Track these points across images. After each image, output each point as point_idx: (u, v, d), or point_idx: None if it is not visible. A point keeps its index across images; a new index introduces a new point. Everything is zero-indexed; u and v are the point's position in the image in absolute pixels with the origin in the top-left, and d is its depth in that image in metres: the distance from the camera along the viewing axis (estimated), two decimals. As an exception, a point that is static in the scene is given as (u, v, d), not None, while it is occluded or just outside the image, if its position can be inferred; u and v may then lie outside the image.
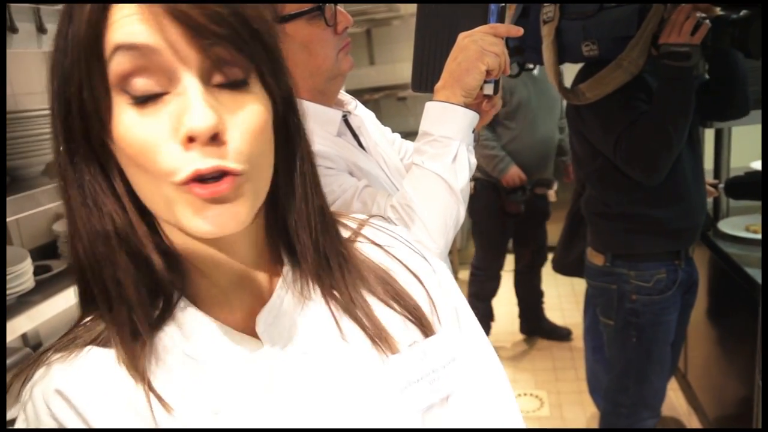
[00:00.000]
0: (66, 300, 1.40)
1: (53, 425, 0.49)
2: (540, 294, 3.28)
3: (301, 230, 0.54)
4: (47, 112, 1.43)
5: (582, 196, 2.00)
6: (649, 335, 1.80)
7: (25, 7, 1.18)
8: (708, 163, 2.37)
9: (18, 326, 1.24)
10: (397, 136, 1.31)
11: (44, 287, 1.41)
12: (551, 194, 2.92)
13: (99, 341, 0.51)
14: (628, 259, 1.78)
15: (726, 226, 2.24)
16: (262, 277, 0.55)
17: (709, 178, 2.19)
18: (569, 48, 1.63)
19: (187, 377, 0.51)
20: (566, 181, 3.11)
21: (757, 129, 2.36)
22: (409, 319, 0.57)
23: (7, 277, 1.25)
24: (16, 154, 1.32)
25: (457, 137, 0.90)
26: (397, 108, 4.39)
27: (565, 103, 2.85)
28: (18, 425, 0.51)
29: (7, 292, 1.25)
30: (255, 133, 0.46)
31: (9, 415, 0.50)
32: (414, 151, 0.95)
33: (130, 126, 0.44)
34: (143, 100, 0.43)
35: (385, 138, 1.23)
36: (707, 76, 1.79)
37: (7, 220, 1.11)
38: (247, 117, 0.45)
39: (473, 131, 0.92)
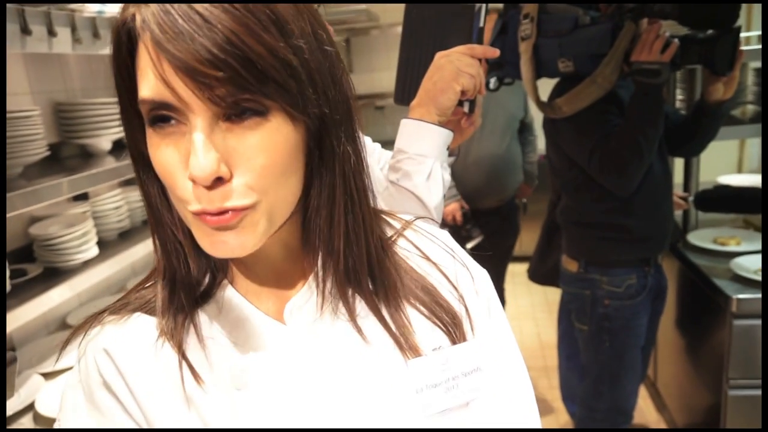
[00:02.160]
0: (41, 304, 1.38)
1: (98, 380, 0.55)
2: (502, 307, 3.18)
3: (332, 239, 0.55)
4: (27, 113, 1.43)
5: (557, 206, 2.05)
6: (621, 339, 1.86)
7: (10, 8, 1.17)
8: (678, 177, 2.44)
9: (-8, 330, 1.22)
10: (378, 145, 1.33)
11: (19, 291, 1.39)
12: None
13: (147, 309, 0.57)
14: (601, 265, 1.84)
15: (695, 238, 2.31)
16: (295, 273, 0.59)
17: (679, 191, 2.26)
18: (546, 64, 1.68)
19: (218, 352, 0.55)
20: (518, 199, 2.91)
21: (722, 145, 2.44)
22: (438, 325, 0.58)
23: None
24: (-7, 156, 1.30)
25: (431, 155, 0.90)
26: (374, 117, 4.42)
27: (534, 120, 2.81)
28: (73, 376, 0.57)
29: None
30: (267, 168, 0.47)
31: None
32: (389, 169, 0.95)
33: (154, 149, 0.48)
34: (164, 128, 0.47)
35: (365, 147, 1.23)
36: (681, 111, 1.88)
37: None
38: (260, 151, 0.46)
39: (448, 148, 0.94)
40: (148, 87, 0.45)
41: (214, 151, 0.45)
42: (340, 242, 0.55)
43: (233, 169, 0.46)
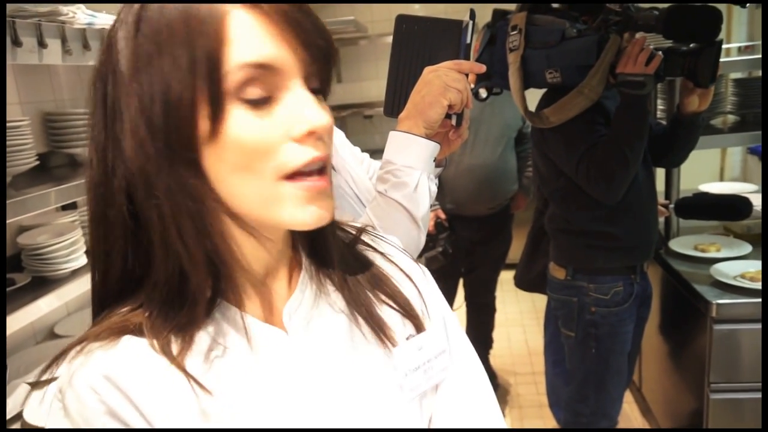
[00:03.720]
0: (29, 314, 1.38)
1: (99, 409, 0.50)
2: (492, 315, 3.07)
3: (325, 233, 0.60)
4: (16, 123, 1.43)
5: (543, 214, 2.07)
6: (607, 346, 1.88)
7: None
8: (659, 185, 2.49)
9: (-20, 340, 1.22)
10: (366, 155, 1.34)
11: (8, 300, 1.38)
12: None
13: (134, 331, 0.52)
14: (588, 272, 1.86)
15: (676, 245, 2.35)
16: (284, 276, 0.61)
17: (660, 199, 2.31)
18: (534, 75, 1.71)
19: (225, 365, 0.54)
20: (513, 211, 2.90)
21: (703, 153, 2.49)
22: (405, 316, 0.64)
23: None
24: (-18, 166, 1.30)
25: (418, 167, 0.93)
26: (363, 126, 4.44)
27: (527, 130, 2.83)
28: (54, 415, 0.51)
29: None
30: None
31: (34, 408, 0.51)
32: (377, 179, 0.97)
33: (246, 127, 0.48)
34: (257, 103, 0.49)
35: (354, 157, 1.25)
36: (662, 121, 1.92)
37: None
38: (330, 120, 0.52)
39: (435, 160, 0.96)
40: (251, 50, 0.48)
41: None
42: (332, 237, 0.61)
43: None
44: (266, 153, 0.49)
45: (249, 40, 0.48)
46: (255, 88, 0.48)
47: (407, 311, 0.64)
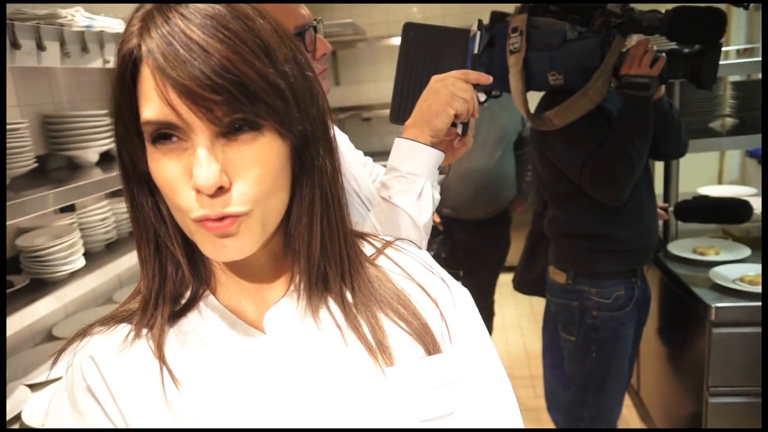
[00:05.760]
0: (27, 316, 1.37)
1: (82, 385, 0.58)
2: (490, 318, 3.11)
3: (311, 245, 0.59)
4: (15, 126, 1.43)
5: (541, 217, 2.07)
6: (608, 350, 1.88)
7: None
8: (658, 188, 2.49)
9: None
10: (369, 159, 1.35)
11: (6, 302, 1.38)
12: None
13: (132, 320, 0.61)
14: (590, 276, 1.86)
15: (675, 248, 2.35)
16: (277, 281, 0.62)
17: (659, 202, 2.31)
18: (536, 77, 1.70)
19: (199, 358, 0.58)
20: (512, 213, 2.91)
21: (702, 156, 2.49)
22: (413, 336, 0.61)
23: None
24: (-19, 168, 1.30)
25: (423, 174, 0.93)
26: (361, 128, 4.44)
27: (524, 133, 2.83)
28: (61, 383, 0.61)
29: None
30: (261, 178, 0.52)
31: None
32: (381, 185, 0.97)
33: (156, 163, 0.52)
34: (167, 149, 0.51)
35: (357, 160, 1.26)
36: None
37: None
38: (255, 163, 0.51)
39: (438, 167, 0.96)
40: (152, 109, 0.49)
41: (216, 163, 0.49)
42: (317, 248, 0.59)
43: (232, 179, 0.51)
44: (174, 193, 0.51)
45: (149, 98, 0.49)
46: (167, 134, 0.50)
47: (417, 332, 0.61)
